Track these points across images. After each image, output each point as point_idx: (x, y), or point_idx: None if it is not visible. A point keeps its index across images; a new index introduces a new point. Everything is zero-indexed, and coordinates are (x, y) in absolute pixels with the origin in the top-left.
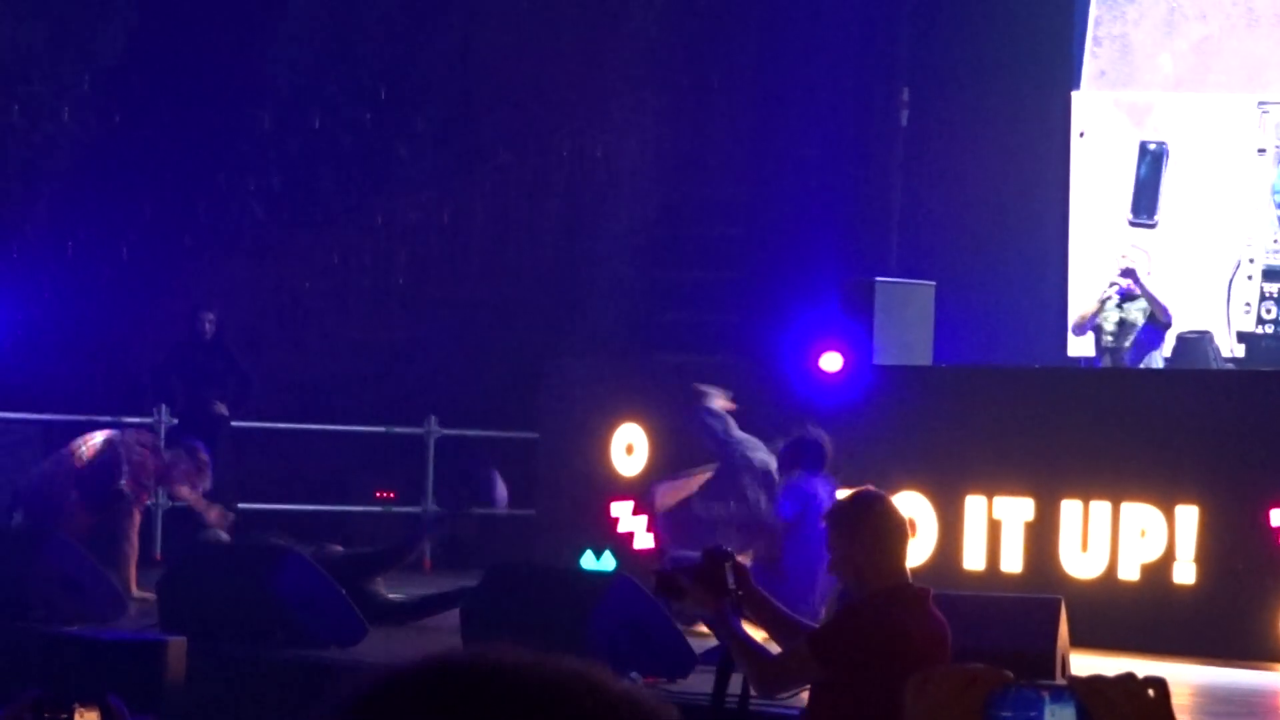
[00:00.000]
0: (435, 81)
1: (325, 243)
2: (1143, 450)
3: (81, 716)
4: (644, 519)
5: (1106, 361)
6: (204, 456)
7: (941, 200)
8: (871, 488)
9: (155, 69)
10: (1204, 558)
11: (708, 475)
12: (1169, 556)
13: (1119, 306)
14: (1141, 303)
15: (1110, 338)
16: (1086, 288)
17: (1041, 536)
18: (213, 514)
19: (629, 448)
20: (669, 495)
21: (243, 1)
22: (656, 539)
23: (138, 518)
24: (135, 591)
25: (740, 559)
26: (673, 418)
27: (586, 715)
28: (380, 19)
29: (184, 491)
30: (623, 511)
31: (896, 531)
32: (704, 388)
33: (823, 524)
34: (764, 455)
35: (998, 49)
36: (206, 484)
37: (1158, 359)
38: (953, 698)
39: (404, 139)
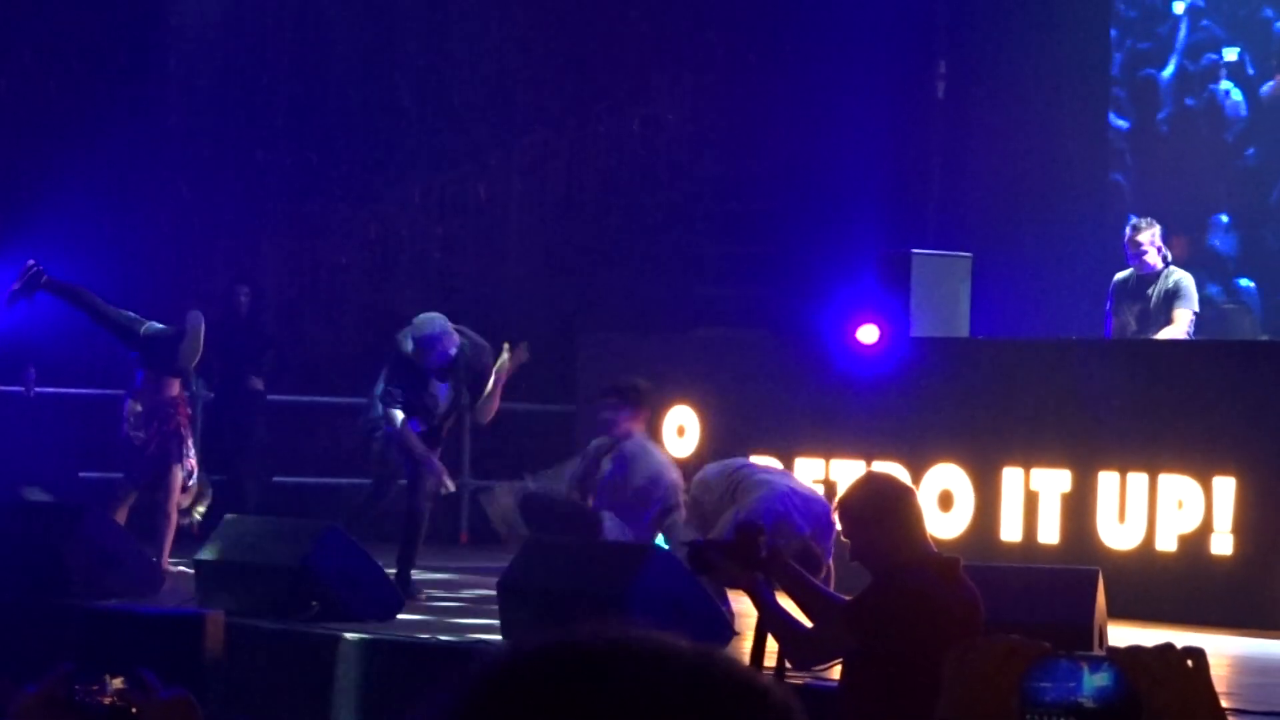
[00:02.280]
0: (472, 56)
1: (362, 217)
2: (1180, 421)
3: (112, 686)
4: None
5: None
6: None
7: (978, 172)
8: (871, 471)
9: (189, 46)
10: (1241, 529)
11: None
12: (1206, 527)
13: (1143, 293)
14: (1160, 286)
15: (1135, 327)
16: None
17: (1078, 508)
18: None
19: (679, 429)
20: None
21: None
22: None
23: (179, 490)
24: (167, 565)
25: None
26: (711, 392)
27: (723, 701)
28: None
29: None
30: None
31: (907, 506)
32: None
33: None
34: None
35: (1034, 20)
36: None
37: None
38: (992, 669)
39: (441, 114)
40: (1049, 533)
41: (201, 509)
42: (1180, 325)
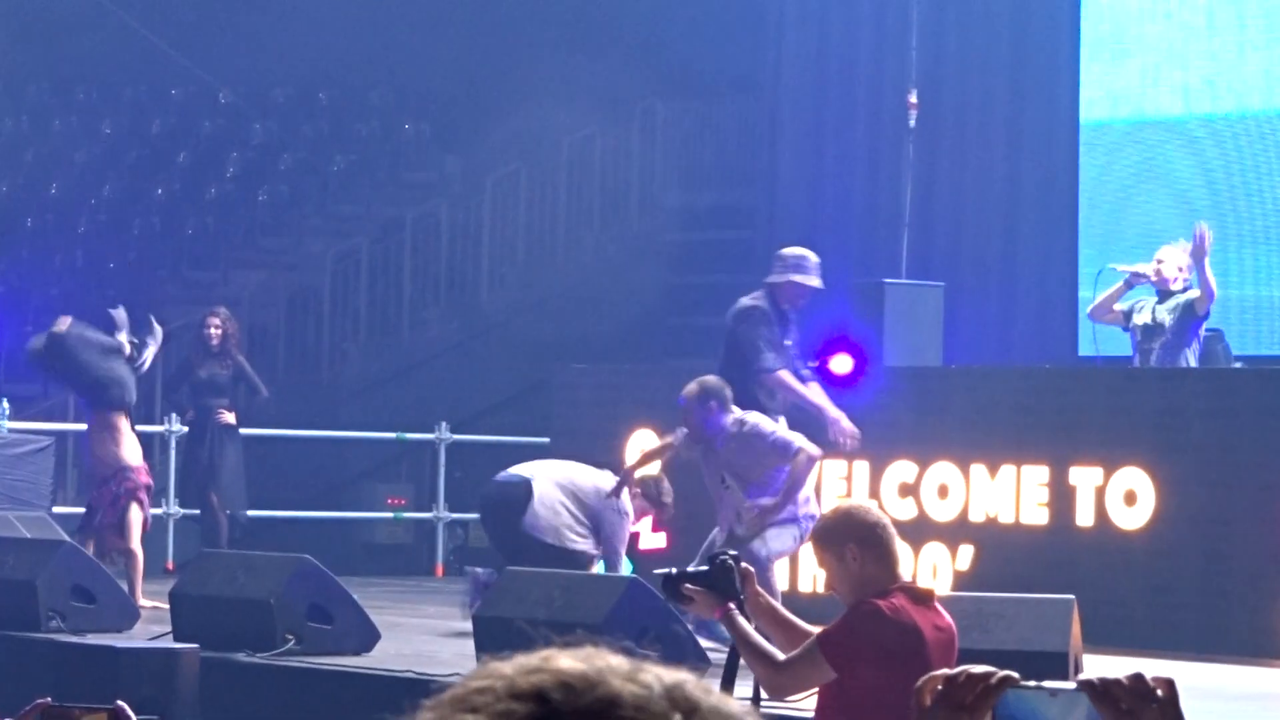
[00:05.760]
0: (444, 87)
1: (335, 250)
2: (1157, 449)
3: None
4: (649, 519)
5: (1139, 361)
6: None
7: (950, 202)
8: (846, 500)
9: (157, 79)
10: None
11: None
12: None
13: (1153, 308)
14: (1174, 303)
15: (1140, 338)
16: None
17: (1055, 535)
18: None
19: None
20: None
21: (247, 11)
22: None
23: (141, 524)
24: (141, 600)
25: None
26: (679, 422)
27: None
28: (384, 25)
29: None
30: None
31: (883, 536)
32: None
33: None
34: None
35: (1006, 50)
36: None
37: (1190, 357)
38: (962, 699)
39: (414, 146)
40: None
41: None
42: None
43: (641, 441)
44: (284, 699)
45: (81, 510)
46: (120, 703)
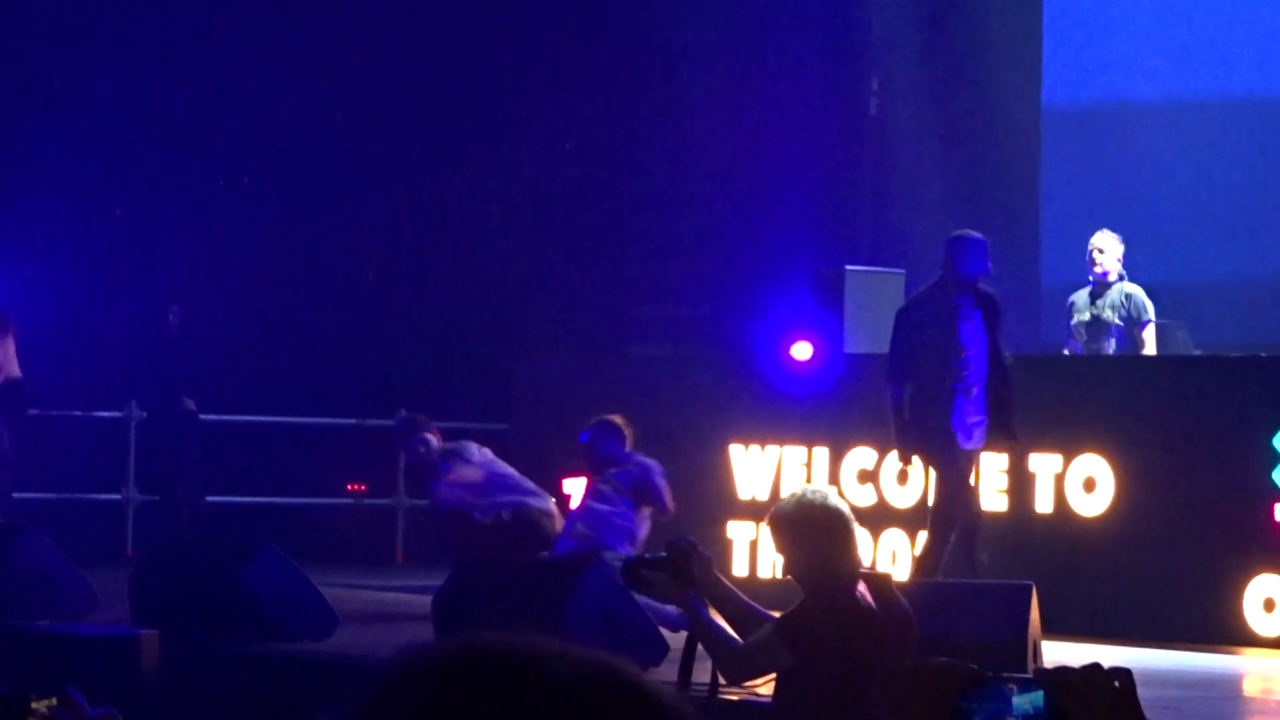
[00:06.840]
0: (406, 77)
1: (296, 236)
2: (1116, 436)
3: (38, 708)
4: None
5: None
6: None
7: (911, 188)
8: (804, 486)
9: (126, 68)
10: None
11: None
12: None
13: (1092, 304)
14: (1113, 297)
15: (1085, 337)
16: (1057, 274)
17: (1013, 525)
18: None
19: None
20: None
21: (214, 1)
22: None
23: None
24: None
25: None
26: (645, 411)
27: (609, 710)
28: (351, 18)
29: None
30: (576, 489)
31: (841, 524)
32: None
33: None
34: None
35: (967, 37)
36: None
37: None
38: (922, 692)
39: (375, 135)
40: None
41: None
42: (1149, 343)
43: None
44: (243, 684)
45: (44, 497)
46: (71, 688)
